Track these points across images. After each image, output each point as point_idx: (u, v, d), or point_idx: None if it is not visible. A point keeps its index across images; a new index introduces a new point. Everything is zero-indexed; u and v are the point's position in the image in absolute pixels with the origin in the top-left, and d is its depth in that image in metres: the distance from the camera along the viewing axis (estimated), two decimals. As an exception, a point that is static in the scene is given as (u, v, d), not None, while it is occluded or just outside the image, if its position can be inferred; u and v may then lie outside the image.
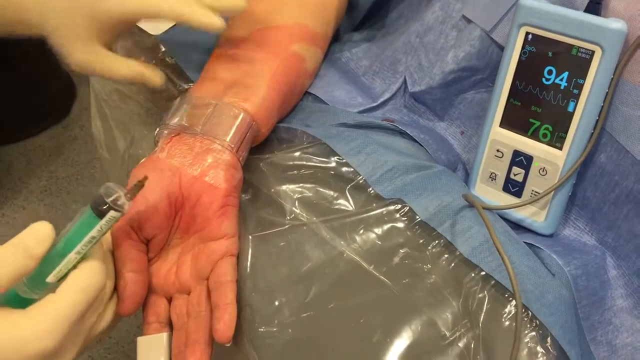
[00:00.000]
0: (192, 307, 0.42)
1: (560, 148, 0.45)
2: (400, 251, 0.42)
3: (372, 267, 0.42)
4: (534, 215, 0.48)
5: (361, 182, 0.44)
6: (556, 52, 0.43)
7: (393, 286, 0.41)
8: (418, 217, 0.43)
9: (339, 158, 0.45)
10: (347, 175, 0.45)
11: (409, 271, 0.41)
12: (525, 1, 0.43)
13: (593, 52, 0.42)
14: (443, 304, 0.40)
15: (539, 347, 0.38)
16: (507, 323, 0.39)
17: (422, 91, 0.52)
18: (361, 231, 0.43)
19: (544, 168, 0.46)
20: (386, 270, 0.41)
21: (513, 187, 0.48)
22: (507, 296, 0.40)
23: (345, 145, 0.46)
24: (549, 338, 0.39)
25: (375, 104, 0.54)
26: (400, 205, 0.43)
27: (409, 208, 0.43)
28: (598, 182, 0.46)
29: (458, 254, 0.41)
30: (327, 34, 0.55)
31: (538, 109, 0.45)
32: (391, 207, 0.43)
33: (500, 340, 0.39)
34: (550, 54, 0.43)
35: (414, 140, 0.50)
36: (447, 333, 0.39)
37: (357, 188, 0.44)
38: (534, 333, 0.39)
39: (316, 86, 0.54)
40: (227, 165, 0.44)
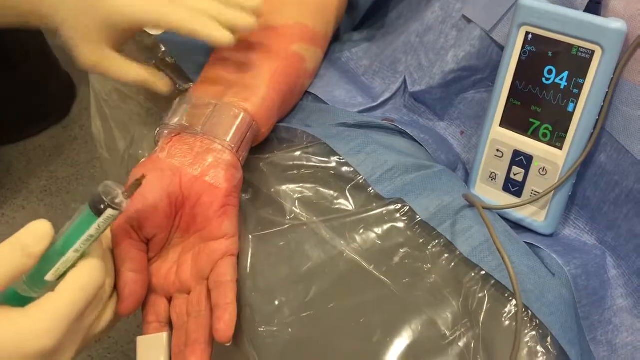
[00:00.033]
0: (192, 307, 0.42)
1: (560, 148, 0.45)
2: (400, 251, 0.42)
3: (372, 267, 0.42)
4: (534, 215, 0.48)
5: (361, 182, 0.44)
6: (556, 52, 0.43)
7: (393, 286, 0.41)
8: (418, 217, 0.43)
9: (339, 158, 0.45)
10: (347, 175, 0.45)
11: (409, 271, 0.41)
12: (525, 1, 0.43)
13: (593, 52, 0.42)
14: (443, 304, 0.40)
15: (539, 347, 0.38)
16: (507, 322, 0.39)
17: (422, 91, 0.52)
18: (361, 231, 0.43)
19: (544, 168, 0.46)
20: (386, 269, 0.42)
21: (513, 187, 0.48)
22: (507, 296, 0.40)
23: (345, 145, 0.46)
24: (549, 338, 0.39)
25: (375, 104, 0.54)
26: (400, 204, 0.43)
27: (409, 208, 0.43)
28: (598, 182, 0.46)
29: (458, 254, 0.42)
30: (327, 34, 0.55)
31: (538, 109, 0.45)
32: (391, 207, 0.43)
33: (500, 339, 0.39)
34: (550, 54, 0.44)
35: (414, 140, 0.50)
36: (447, 332, 0.39)
37: (357, 188, 0.44)
38: (534, 332, 0.39)
39: (316, 86, 0.54)
40: (228, 165, 0.44)
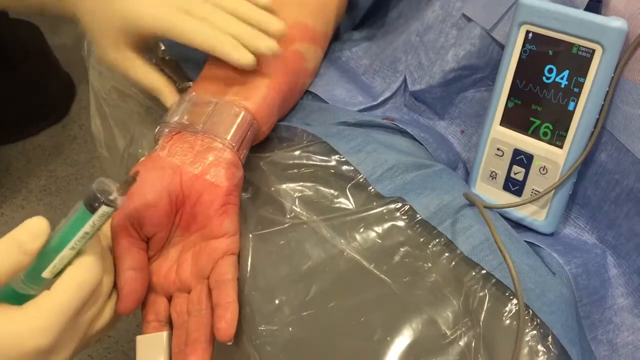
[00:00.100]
0: (193, 306, 0.42)
1: (560, 147, 0.45)
2: (400, 250, 0.42)
3: (373, 266, 0.42)
4: (535, 214, 0.48)
5: (361, 181, 0.44)
6: (557, 51, 0.43)
7: (393, 285, 0.41)
8: (418, 216, 0.43)
9: (339, 157, 0.45)
10: (348, 173, 0.45)
11: (410, 270, 0.41)
12: (525, 0, 0.43)
13: (593, 51, 0.42)
14: (444, 303, 0.40)
15: (540, 346, 0.38)
16: (508, 322, 0.39)
17: (422, 90, 0.52)
18: (361, 230, 0.43)
19: (545, 167, 0.46)
20: (387, 268, 0.41)
21: (513, 186, 0.48)
22: (508, 295, 0.40)
23: (345, 143, 0.46)
24: (550, 337, 0.39)
25: (375, 103, 0.54)
26: (400, 203, 0.43)
27: (410, 207, 0.43)
28: (598, 181, 0.46)
29: (459, 253, 0.41)
30: (327, 33, 0.55)
31: (538, 108, 0.45)
32: (391, 206, 0.43)
33: (501, 338, 0.39)
34: (550, 53, 0.43)
35: (414, 139, 0.50)
36: (448, 332, 0.39)
37: (358, 187, 0.44)
38: (535, 332, 0.39)
39: (316, 85, 0.54)
40: (228, 163, 0.44)
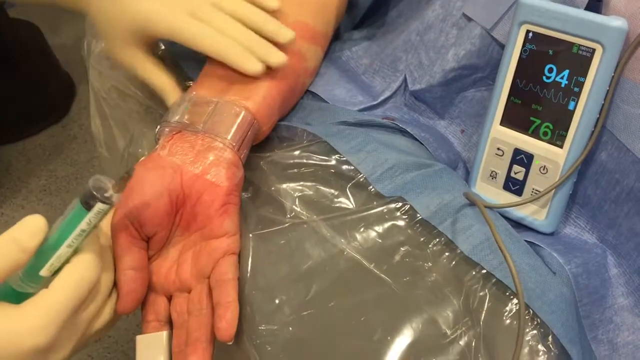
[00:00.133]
0: (193, 305, 0.42)
1: (560, 146, 0.45)
2: (401, 249, 0.42)
3: (373, 265, 0.42)
4: (535, 213, 0.48)
5: (362, 181, 0.44)
6: (557, 50, 0.43)
7: (394, 284, 0.41)
8: (419, 215, 0.43)
9: (340, 156, 0.45)
10: (348, 173, 0.45)
11: (410, 269, 0.41)
12: (525, -1, 0.43)
13: (594, 50, 0.42)
14: (444, 302, 0.40)
15: (540, 346, 0.38)
16: (508, 321, 0.39)
17: (423, 89, 0.52)
18: (362, 229, 0.43)
19: (545, 166, 0.46)
20: (387, 268, 0.41)
21: (514, 186, 0.48)
22: (509, 294, 0.40)
23: (345, 143, 0.46)
24: (550, 336, 0.39)
25: (375, 103, 0.54)
26: (401, 203, 0.43)
27: (410, 206, 0.43)
28: (599, 181, 0.46)
29: (459, 252, 0.41)
30: (328, 33, 0.55)
31: (538, 107, 0.45)
32: (392, 205, 0.43)
33: (501, 338, 0.39)
34: (550, 52, 0.43)
35: (415, 138, 0.50)
36: (448, 331, 0.39)
37: (358, 186, 0.44)
38: (535, 331, 0.39)
39: (316, 85, 0.54)
40: (229, 163, 0.44)
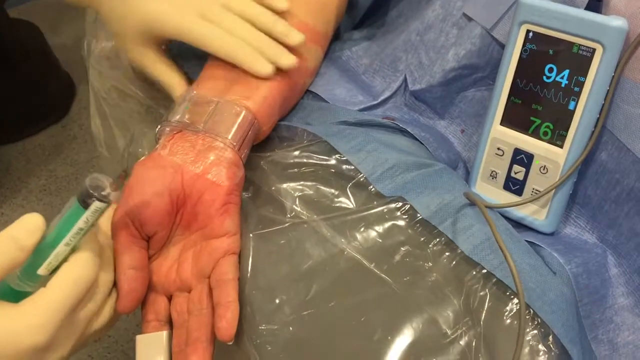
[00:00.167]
0: (194, 305, 0.42)
1: (561, 146, 0.45)
2: (401, 249, 0.42)
3: (373, 265, 0.42)
4: (535, 213, 0.48)
5: (362, 180, 0.44)
6: (557, 50, 0.43)
7: (394, 284, 0.41)
8: (419, 215, 0.43)
9: (340, 156, 0.45)
10: (348, 173, 0.45)
11: (410, 269, 0.41)
12: (526, -1, 0.43)
13: (594, 50, 0.42)
14: (444, 302, 0.40)
15: (541, 346, 0.38)
16: (509, 321, 0.39)
17: (423, 89, 0.52)
18: (362, 229, 0.43)
19: (545, 166, 0.46)
20: (387, 268, 0.41)
21: (514, 186, 0.48)
22: (509, 294, 0.40)
23: (346, 143, 0.46)
24: (551, 336, 0.39)
25: (375, 102, 0.54)
26: (401, 203, 0.43)
27: (410, 206, 0.43)
28: (599, 180, 0.46)
29: (459, 252, 0.41)
30: (328, 33, 0.55)
31: (539, 107, 0.45)
32: (392, 205, 0.43)
33: (501, 338, 0.39)
34: (551, 52, 0.43)
35: (415, 138, 0.50)
36: (449, 331, 0.39)
37: (358, 186, 0.44)
38: (536, 331, 0.39)
39: (317, 84, 0.54)
40: (229, 163, 0.44)
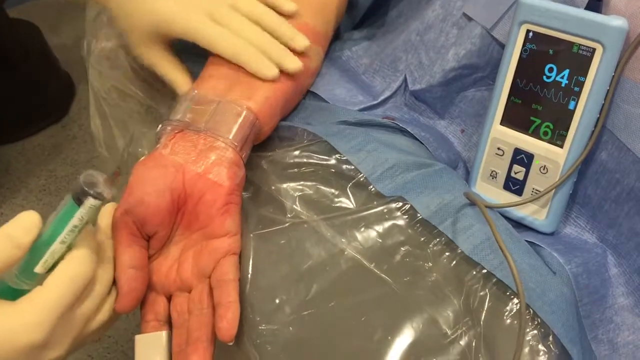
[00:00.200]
0: (194, 305, 0.42)
1: (561, 146, 0.45)
2: (401, 249, 0.42)
3: (373, 265, 0.41)
4: (535, 213, 0.48)
5: (362, 180, 0.44)
6: (557, 50, 0.43)
7: (394, 284, 0.41)
8: (419, 215, 0.43)
9: (340, 156, 0.45)
10: (348, 173, 0.45)
11: (410, 269, 0.41)
12: (526, -1, 0.43)
13: (594, 50, 0.42)
14: (444, 302, 0.40)
15: (541, 346, 0.38)
16: (509, 321, 0.39)
17: (423, 89, 0.52)
18: (362, 229, 0.43)
19: (545, 166, 0.46)
20: (387, 268, 0.41)
21: (514, 185, 0.48)
22: (509, 294, 0.40)
23: (346, 143, 0.46)
24: (551, 336, 0.39)
25: (375, 102, 0.54)
26: (401, 203, 0.43)
27: (410, 206, 0.43)
28: (599, 180, 0.46)
29: (459, 252, 0.41)
30: (328, 33, 0.55)
31: (539, 107, 0.45)
32: (392, 205, 0.43)
33: (501, 338, 0.39)
34: (551, 52, 0.43)
35: (415, 138, 0.50)
36: (449, 331, 0.39)
37: (358, 186, 0.44)
38: (536, 331, 0.39)
39: (317, 84, 0.54)
40: (230, 163, 0.44)
